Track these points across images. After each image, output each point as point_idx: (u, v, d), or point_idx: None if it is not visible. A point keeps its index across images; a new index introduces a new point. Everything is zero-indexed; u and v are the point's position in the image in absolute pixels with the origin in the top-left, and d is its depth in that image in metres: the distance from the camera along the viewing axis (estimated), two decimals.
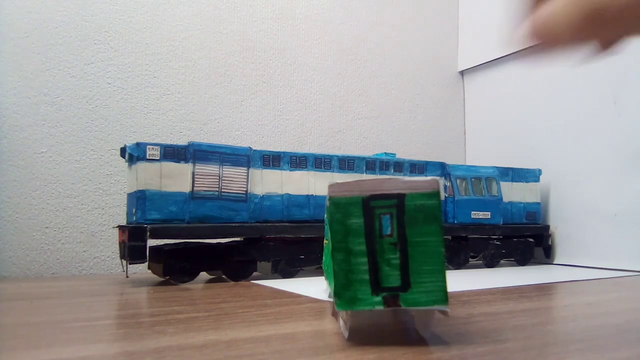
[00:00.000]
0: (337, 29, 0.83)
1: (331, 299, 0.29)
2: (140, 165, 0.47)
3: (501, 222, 0.65)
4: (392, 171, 0.60)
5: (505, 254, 0.66)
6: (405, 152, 0.83)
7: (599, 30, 0.23)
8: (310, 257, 0.54)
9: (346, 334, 0.24)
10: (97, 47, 0.65)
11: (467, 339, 0.24)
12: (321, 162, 0.56)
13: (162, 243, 0.50)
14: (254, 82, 0.75)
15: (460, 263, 0.63)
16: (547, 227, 0.71)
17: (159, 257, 0.49)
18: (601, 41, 0.26)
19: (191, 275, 0.49)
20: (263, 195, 0.52)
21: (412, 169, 0.62)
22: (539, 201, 0.70)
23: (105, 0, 0.66)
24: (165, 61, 0.69)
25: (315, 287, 0.43)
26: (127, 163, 0.50)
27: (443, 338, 0.25)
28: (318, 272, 0.56)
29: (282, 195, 0.53)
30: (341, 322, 0.26)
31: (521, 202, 0.69)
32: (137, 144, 0.47)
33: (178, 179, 0.48)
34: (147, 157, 0.47)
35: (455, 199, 0.63)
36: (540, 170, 0.71)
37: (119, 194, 0.65)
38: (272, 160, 0.54)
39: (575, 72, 0.69)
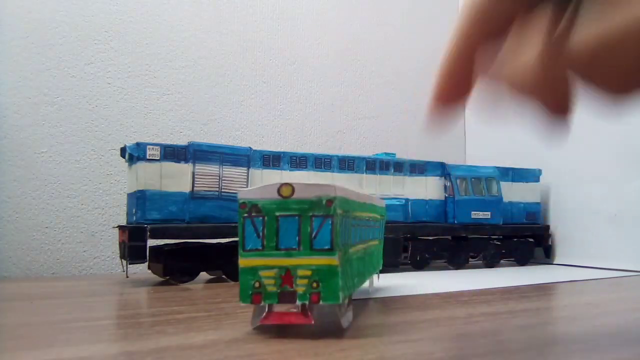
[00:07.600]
0: (337, 29, 0.83)
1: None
2: (140, 165, 0.47)
3: (501, 222, 0.65)
4: (392, 171, 0.60)
5: (505, 254, 0.66)
6: (405, 152, 0.83)
7: None
8: None
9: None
10: (97, 47, 0.65)
11: (467, 338, 0.24)
12: (321, 162, 0.56)
13: (162, 243, 0.49)
14: (254, 82, 0.75)
15: (460, 263, 0.63)
16: (547, 227, 0.71)
17: (159, 257, 0.49)
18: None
19: (191, 275, 0.49)
20: None
21: (412, 169, 0.62)
22: (539, 201, 0.70)
23: (105, 0, 0.66)
24: (165, 61, 0.69)
25: None
26: (127, 163, 0.50)
27: (443, 338, 0.25)
28: None
29: None
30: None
31: (521, 202, 0.69)
32: (137, 144, 0.47)
33: (178, 179, 0.48)
34: (147, 157, 0.47)
35: (455, 199, 0.63)
36: (540, 170, 0.71)
37: (119, 194, 0.65)
38: (272, 160, 0.54)
39: None
